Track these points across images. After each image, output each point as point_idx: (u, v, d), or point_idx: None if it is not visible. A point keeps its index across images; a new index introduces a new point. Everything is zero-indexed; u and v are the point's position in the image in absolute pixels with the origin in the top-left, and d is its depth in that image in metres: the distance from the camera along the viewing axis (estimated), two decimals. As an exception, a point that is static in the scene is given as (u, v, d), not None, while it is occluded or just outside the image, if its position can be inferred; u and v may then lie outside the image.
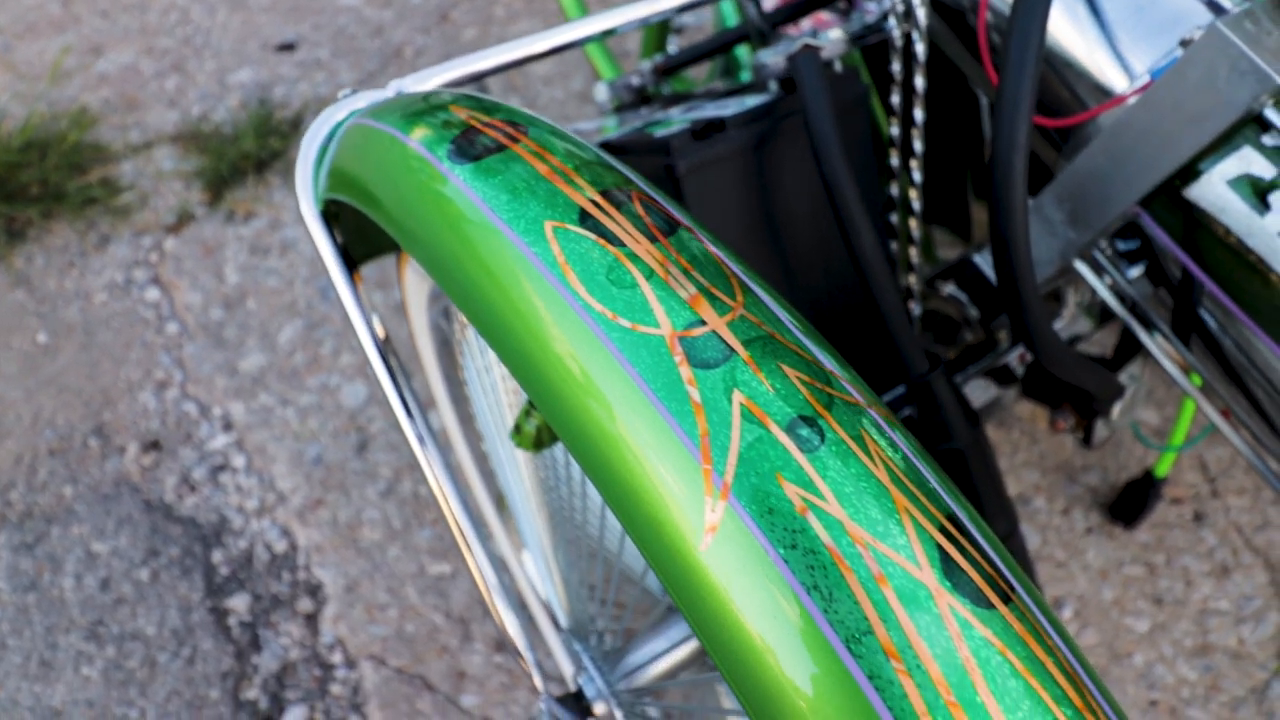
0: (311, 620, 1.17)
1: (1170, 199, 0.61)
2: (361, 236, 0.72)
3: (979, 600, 0.27)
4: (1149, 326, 0.76)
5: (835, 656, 0.26)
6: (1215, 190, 0.58)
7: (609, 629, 0.73)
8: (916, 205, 0.79)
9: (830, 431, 0.29)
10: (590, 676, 0.69)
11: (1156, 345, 0.75)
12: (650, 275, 0.31)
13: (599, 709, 0.69)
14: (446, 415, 0.91)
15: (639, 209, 0.33)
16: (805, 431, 0.29)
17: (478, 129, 0.39)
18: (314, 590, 1.20)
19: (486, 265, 0.33)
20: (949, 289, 0.92)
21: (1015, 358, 0.87)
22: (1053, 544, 1.26)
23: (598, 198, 0.33)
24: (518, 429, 0.50)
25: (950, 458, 0.73)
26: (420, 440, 0.58)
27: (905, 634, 0.26)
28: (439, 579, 1.21)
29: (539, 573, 0.77)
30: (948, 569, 0.27)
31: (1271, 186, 0.56)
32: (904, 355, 0.69)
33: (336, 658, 1.14)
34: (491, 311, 0.33)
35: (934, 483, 0.30)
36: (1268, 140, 0.56)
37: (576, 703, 0.69)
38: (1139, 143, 0.59)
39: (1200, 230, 0.60)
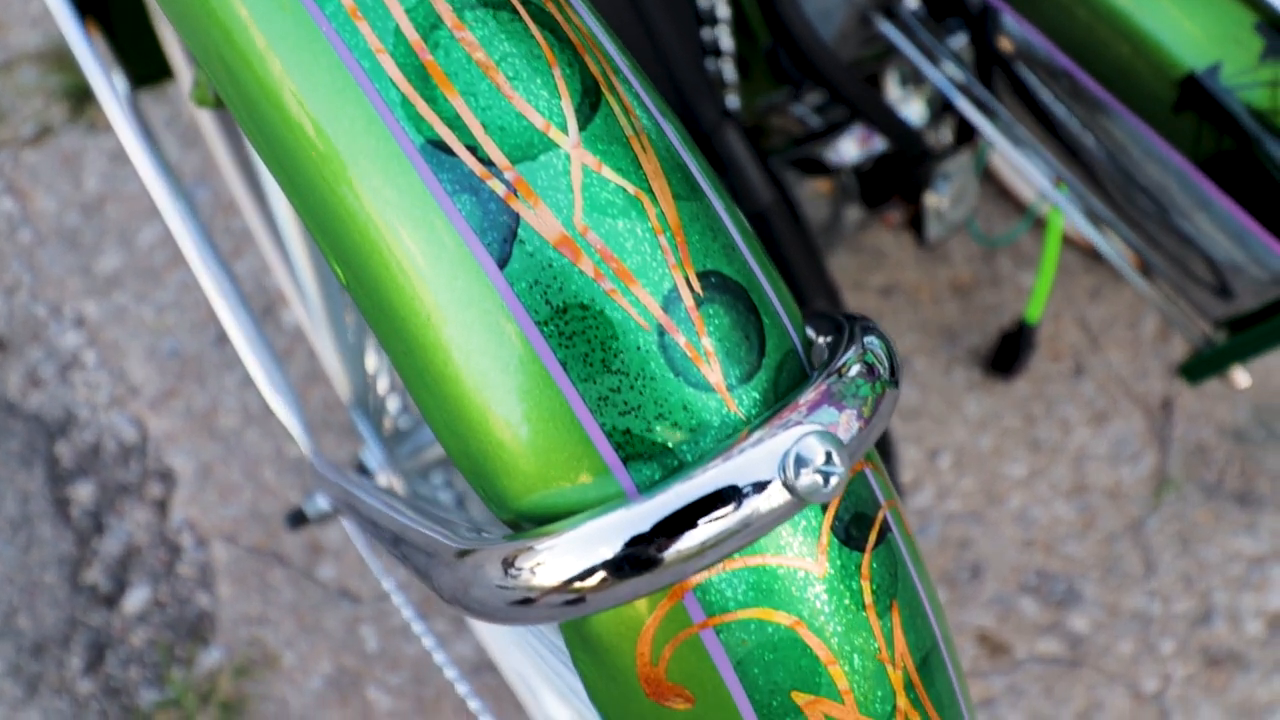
0: (161, 505, 1.12)
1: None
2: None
3: None
4: (989, 115, 0.74)
5: (303, 13, 0.22)
6: None
7: (400, 406, 0.69)
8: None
9: None
10: (370, 450, 0.65)
11: (983, 119, 0.73)
12: None
13: (380, 482, 0.65)
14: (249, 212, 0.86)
15: None
16: None
17: None
18: (164, 476, 1.14)
19: None
20: (796, 109, 0.89)
21: (842, 151, 0.84)
22: (933, 400, 1.24)
23: None
24: (196, 84, 0.46)
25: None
26: (146, 152, 0.54)
27: None
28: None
29: (323, 347, 0.73)
30: None
31: None
32: (690, 105, 0.65)
33: (186, 539, 1.09)
34: None
35: None
36: None
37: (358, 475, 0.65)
38: None
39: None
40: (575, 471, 0.21)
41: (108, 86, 0.60)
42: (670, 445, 0.22)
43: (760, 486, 0.20)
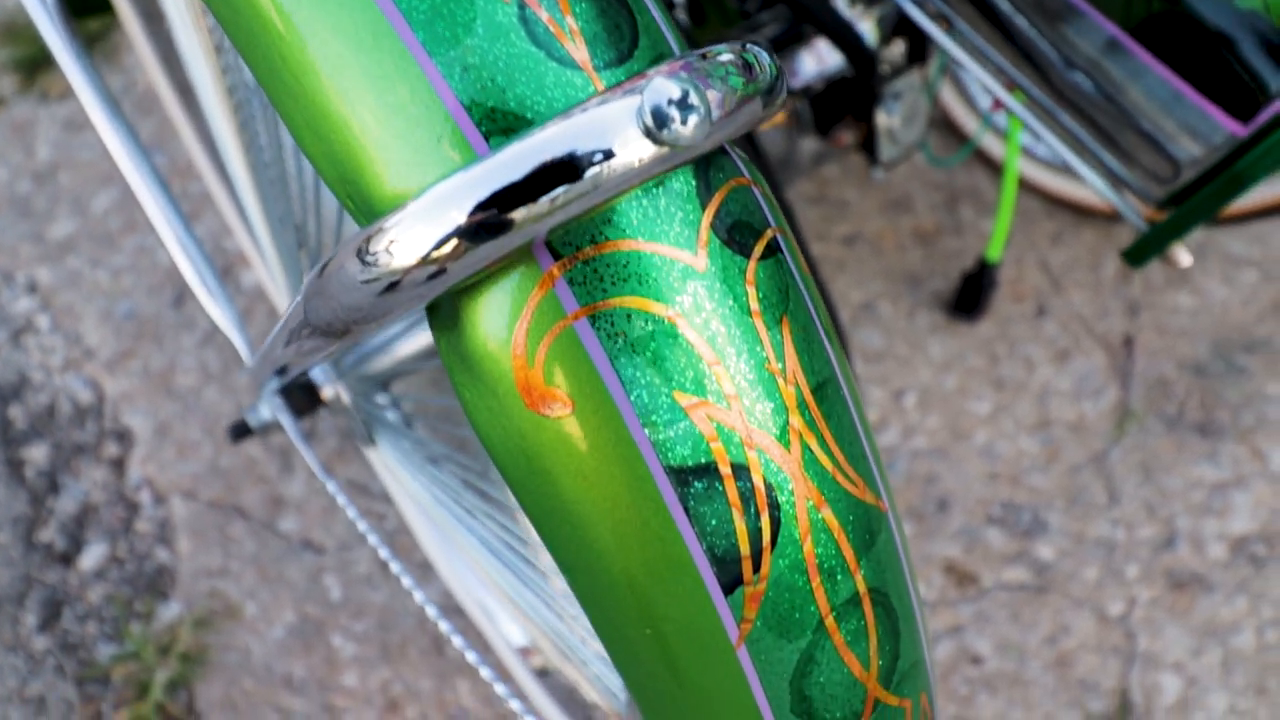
0: (118, 464, 1.10)
1: None
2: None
3: None
4: (942, 23, 0.73)
5: None
6: None
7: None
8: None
9: None
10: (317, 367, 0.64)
11: (935, 28, 0.72)
12: None
13: (327, 393, 0.64)
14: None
15: None
16: None
17: None
18: (121, 435, 1.12)
19: None
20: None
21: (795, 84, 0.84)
22: (898, 343, 1.24)
23: None
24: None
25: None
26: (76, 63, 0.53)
27: None
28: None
29: (268, 275, 0.71)
30: None
31: None
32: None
33: (144, 496, 1.07)
34: None
35: None
36: None
37: (304, 389, 0.64)
38: None
39: None
40: (439, 154, 0.21)
41: (39, 6, 0.59)
42: (533, 119, 0.21)
43: (613, 137, 0.19)
